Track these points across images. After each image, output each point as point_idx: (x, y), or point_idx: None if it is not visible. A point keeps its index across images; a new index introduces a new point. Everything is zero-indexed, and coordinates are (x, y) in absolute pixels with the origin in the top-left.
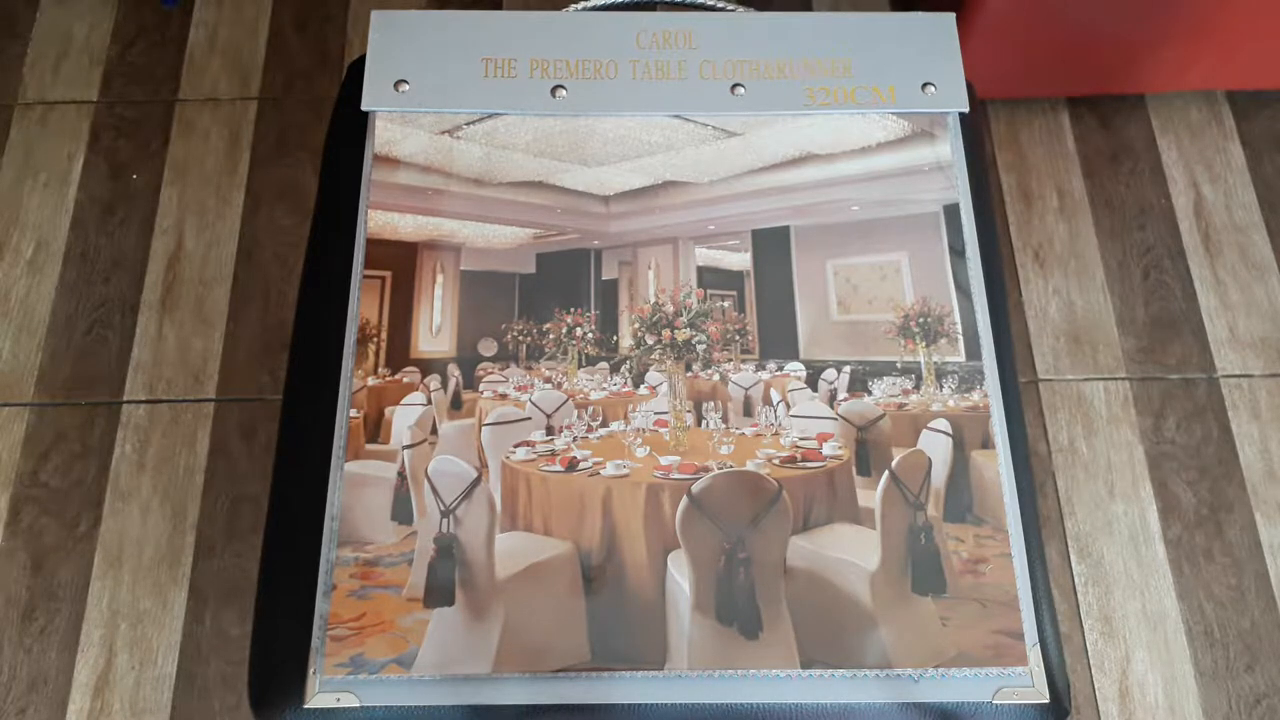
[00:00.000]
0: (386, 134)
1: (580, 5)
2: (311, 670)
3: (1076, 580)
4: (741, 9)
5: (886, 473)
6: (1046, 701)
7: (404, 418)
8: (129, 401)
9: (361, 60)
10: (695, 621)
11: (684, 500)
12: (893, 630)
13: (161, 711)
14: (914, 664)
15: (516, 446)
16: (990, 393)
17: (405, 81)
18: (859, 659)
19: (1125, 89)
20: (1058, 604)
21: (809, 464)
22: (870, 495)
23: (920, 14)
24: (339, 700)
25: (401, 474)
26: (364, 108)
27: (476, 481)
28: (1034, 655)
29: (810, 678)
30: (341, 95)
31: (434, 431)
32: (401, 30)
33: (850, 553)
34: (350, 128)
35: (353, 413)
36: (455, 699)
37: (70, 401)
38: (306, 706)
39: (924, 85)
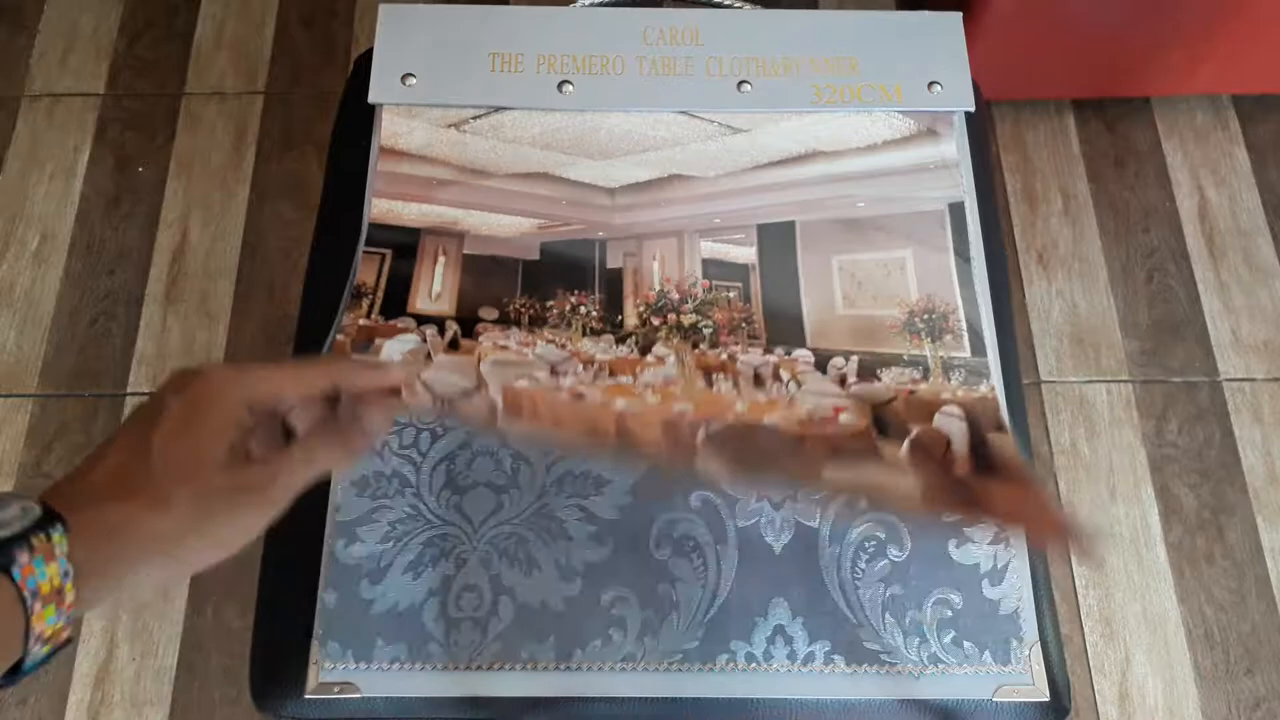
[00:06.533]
0: (393, 127)
1: (587, 1)
2: (312, 661)
3: (1077, 582)
4: (748, 6)
5: (908, 439)
6: (1046, 700)
7: (396, 346)
8: (133, 394)
9: (369, 54)
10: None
11: (702, 431)
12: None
13: (162, 703)
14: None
15: (519, 379)
16: (997, 387)
17: (412, 75)
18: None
19: (1131, 92)
20: (1058, 605)
21: (828, 427)
22: (895, 451)
23: (927, 13)
24: (340, 690)
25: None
26: (371, 100)
27: (476, 389)
28: (1034, 653)
29: (810, 674)
30: (348, 88)
31: (428, 359)
32: (409, 24)
33: (888, 481)
34: (357, 121)
35: (340, 338)
36: (457, 690)
37: (74, 393)
38: (307, 697)
39: (930, 84)
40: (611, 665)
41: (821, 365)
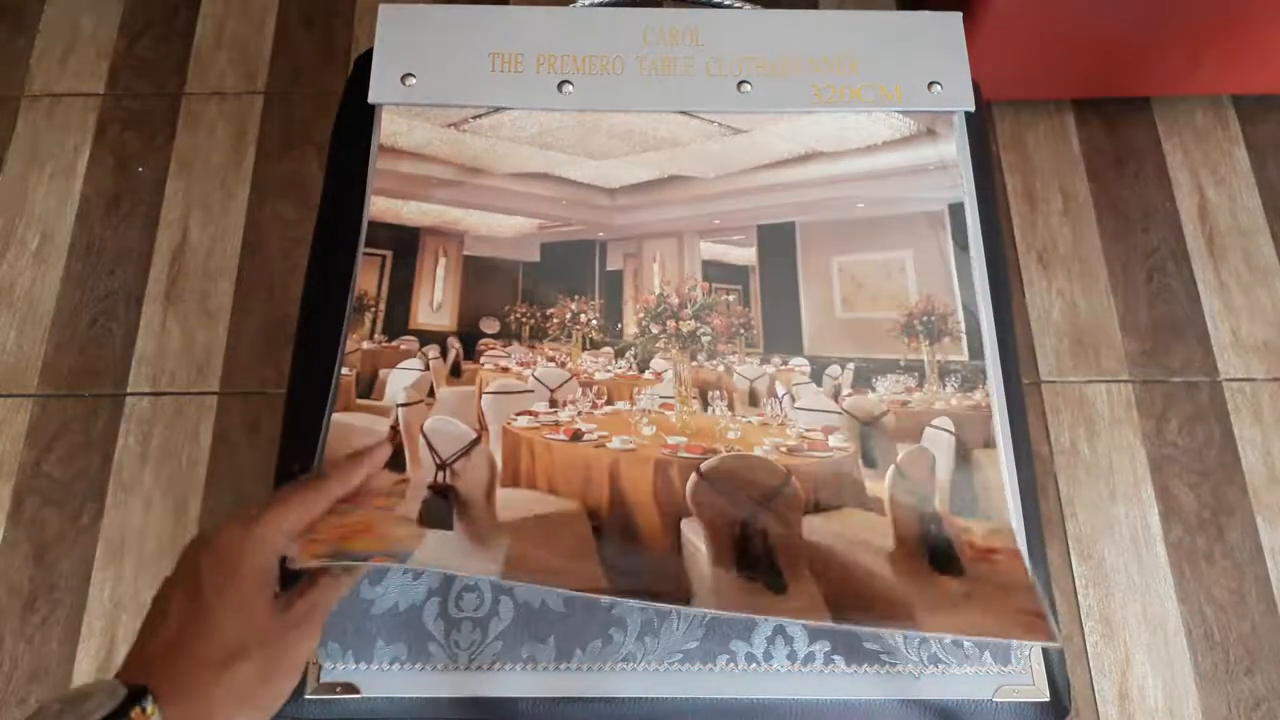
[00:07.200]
0: (392, 126)
1: (587, 1)
2: (312, 661)
3: (1077, 582)
4: (748, 6)
5: (892, 466)
6: (1046, 700)
7: (400, 379)
8: (132, 394)
9: (369, 54)
10: (716, 574)
11: (694, 476)
12: (920, 599)
13: None
14: (947, 629)
15: (518, 415)
16: (993, 393)
17: (412, 75)
18: (889, 615)
19: (1131, 92)
20: (1058, 605)
21: (815, 454)
22: (877, 486)
23: (927, 13)
24: (340, 691)
25: (395, 428)
26: (371, 101)
27: (475, 442)
28: (1034, 653)
29: (810, 674)
30: (348, 88)
31: (431, 394)
32: (409, 24)
33: (866, 534)
34: (357, 120)
35: (345, 371)
36: (457, 690)
37: (74, 393)
38: (307, 697)
39: (930, 84)
40: (611, 665)
41: (817, 374)
